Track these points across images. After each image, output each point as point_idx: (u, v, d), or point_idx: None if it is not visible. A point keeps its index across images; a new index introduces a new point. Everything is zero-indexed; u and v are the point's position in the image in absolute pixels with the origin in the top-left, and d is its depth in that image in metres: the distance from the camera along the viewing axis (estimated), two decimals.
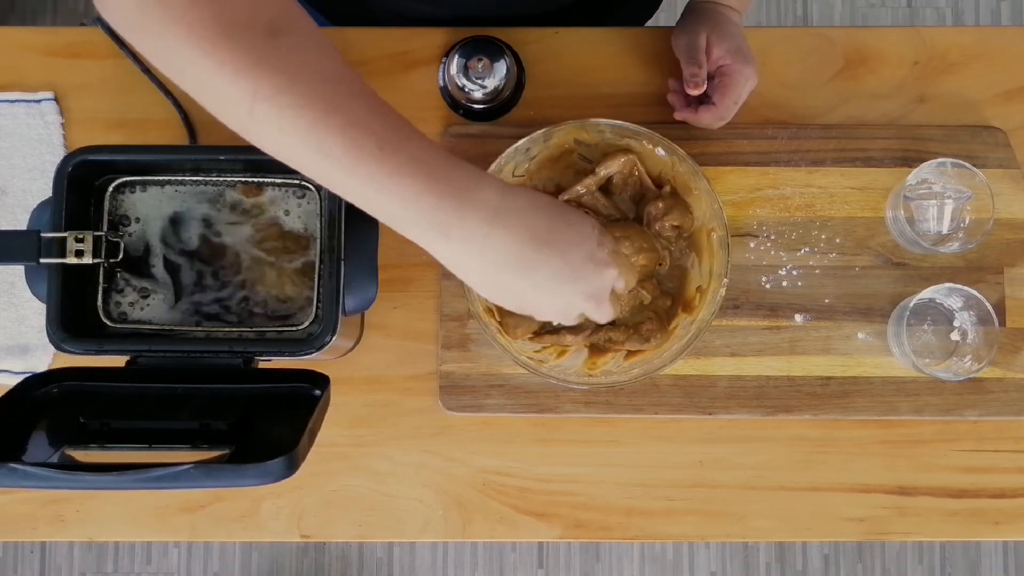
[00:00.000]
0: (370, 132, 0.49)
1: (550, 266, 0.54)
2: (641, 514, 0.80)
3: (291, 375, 0.65)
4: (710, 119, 0.77)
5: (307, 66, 0.48)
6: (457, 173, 0.51)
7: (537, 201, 0.55)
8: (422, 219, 0.51)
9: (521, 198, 0.54)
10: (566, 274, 0.55)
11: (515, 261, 0.53)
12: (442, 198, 0.50)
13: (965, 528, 0.80)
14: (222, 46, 0.46)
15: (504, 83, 0.80)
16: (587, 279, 0.56)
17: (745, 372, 0.80)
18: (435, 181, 0.50)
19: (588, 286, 0.56)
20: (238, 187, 0.70)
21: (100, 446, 0.61)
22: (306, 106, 0.47)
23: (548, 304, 0.56)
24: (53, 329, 0.65)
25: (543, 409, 0.80)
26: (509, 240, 0.52)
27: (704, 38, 0.76)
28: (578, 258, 0.55)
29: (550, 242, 0.54)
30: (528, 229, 0.53)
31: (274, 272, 0.70)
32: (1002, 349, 0.79)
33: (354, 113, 0.49)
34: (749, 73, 0.76)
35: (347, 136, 0.48)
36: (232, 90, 0.48)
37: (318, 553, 1.68)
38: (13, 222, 0.83)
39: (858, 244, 0.81)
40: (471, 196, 0.51)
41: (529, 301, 0.56)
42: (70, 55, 0.84)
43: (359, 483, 0.80)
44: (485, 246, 0.52)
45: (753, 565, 1.69)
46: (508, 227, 0.52)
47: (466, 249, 0.52)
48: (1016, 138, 0.83)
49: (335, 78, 0.49)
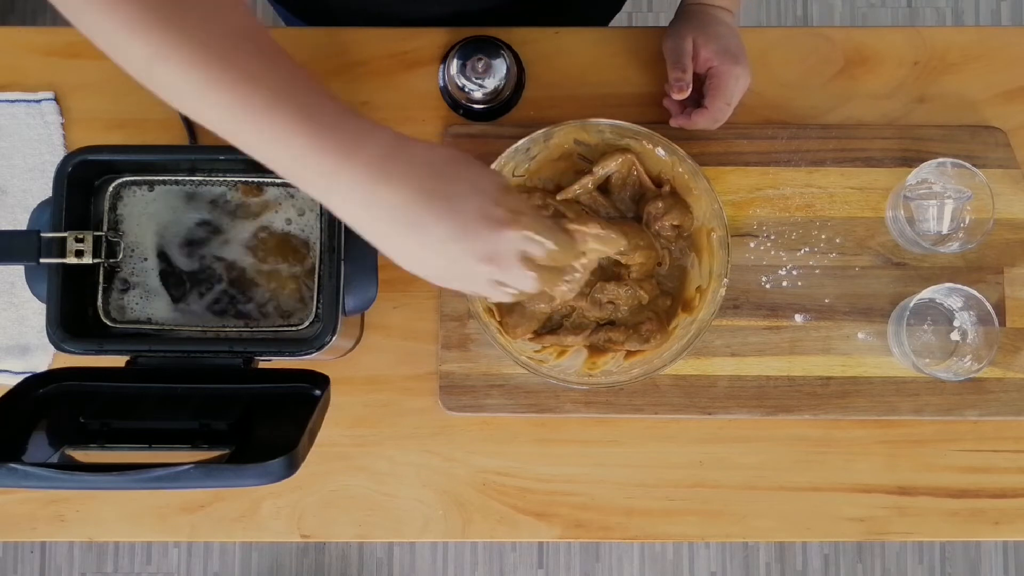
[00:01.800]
0: (262, 86, 0.47)
1: (440, 223, 0.49)
2: (641, 514, 0.80)
3: (291, 375, 0.65)
4: (704, 123, 0.77)
5: (205, 22, 0.47)
6: (346, 126, 0.49)
7: (431, 154, 0.51)
8: (311, 173, 0.49)
9: (412, 150, 0.50)
10: (456, 232, 0.50)
11: (402, 217, 0.49)
12: (327, 152, 0.48)
13: (965, 528, 0.80)
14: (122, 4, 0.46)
15: (504, 83, 0.80)
16: (479, 238, 0.50)
17: (745, 372, 0.80)
18: (323, 135, 0.48)
19: (481, 246, 0.51)
20: (238, 187, 0.70)
21: (100, 446, 0.61)
22: (201, 63, 0.46)
23: (443, 267, 0.52)
24: (53, 329, 0.65)
25: (543, 409, 0.80)
26: (395, 194, 0.49)
27: (690, 41, 0.76)
28: (470, 214, 0.50)
29: (440, 196, 0.49)
30: (416, 182, 0.49)
31: (274, 272, 0.70)
32: (1002, 349, 0.79)
33: (248, 68, 0.47)
34: (739, 72, 0.75)
35: (239, 92, 0.47)
36: (133, 49, 0.47)
37: (318, 553, 1.68)
38: (13, 222, 0.83)
39: (858, 244, 0.81)
40: (358, 149, 0.49)
41: (422, 262, 0.52)
42: (70, 55, 0.84)
43: (359, 483, 0.80)
44: (371, 201, 0.49)
45: (753, 565, 1.69)
46: (394, 181, 0.49)
47: (353, 204, 0.50)
48: (1016, 138, 0.83)
49: (233, 33, 0.48)
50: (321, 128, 0.48)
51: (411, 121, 0.83)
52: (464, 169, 0.51)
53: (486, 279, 0.53)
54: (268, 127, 0.48)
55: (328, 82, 0.83)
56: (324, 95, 0.49)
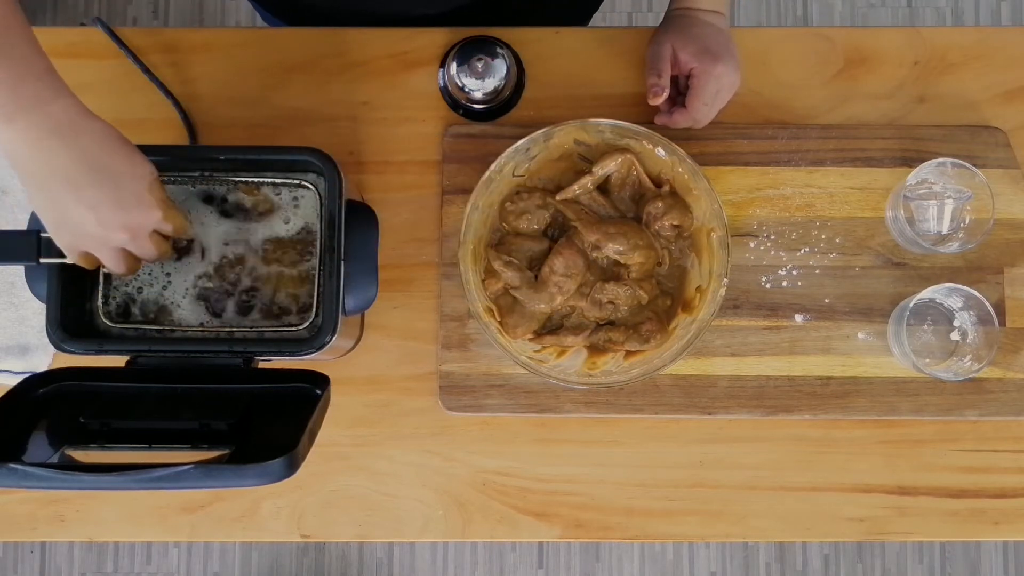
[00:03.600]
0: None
1: (98, 189, 0.58)
2: (641, 514, 0.80)
3: (291, 375, 0.65)
4: (685, 122, 0.77)
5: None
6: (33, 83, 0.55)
7: (106, 132, 0.59)
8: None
9: (90, 124, 0.58)
10: (112, 200, 0.58)
11: (63, 174, 0.57)
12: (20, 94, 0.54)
13: (965, 528, 0.80)
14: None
15: (504, 83, 0.80)
16: (127, 211, 0.59)
17: (745, 372, 0.80)
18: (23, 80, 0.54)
19: (128, 218, 0.60)
20: (238, 187, 0.70)
21: (100, 446, 0.61)
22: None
23: (88, 221, 0.59)
24: (53, 329, 0.65)
25: (543, 409, 0.80)
26: (64, 155, 0.56)
27: (668, 47, 0.76)
28: (128, 191, 0.59)
29: (104, 169, 0.58)
30: (85, 152, 0.57)
31: (274, 272, 0.70)
32: (1002, 349, 0.79)
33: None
34: (720, 72, 0.75)
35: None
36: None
37: (318, 553, 1.68)
38: (13, 222, 0.83)
39: (858, 244, 0.81)
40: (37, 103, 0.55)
41: (70, 215, 0.59)
42: (70, 55, 0.84)
43: (359, 483, 0.80)
44: (34, 154, 0.56)
45: (753, 565, 1.69)
46: (66, 143, 0.56)
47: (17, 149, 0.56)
48: (1016, 138, 0.83)
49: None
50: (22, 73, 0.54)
51: (411, 121, 0.83)
52: (129, 155, 0.60)
53: (114, 245, 0.61)
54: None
55: (328, 82, 0.83)
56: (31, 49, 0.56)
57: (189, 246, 0.70)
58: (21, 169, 0.57)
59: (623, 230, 0.75)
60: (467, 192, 0.75)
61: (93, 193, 0.58)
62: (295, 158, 0.68)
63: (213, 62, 0.84)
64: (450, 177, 0.82)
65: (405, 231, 0.82)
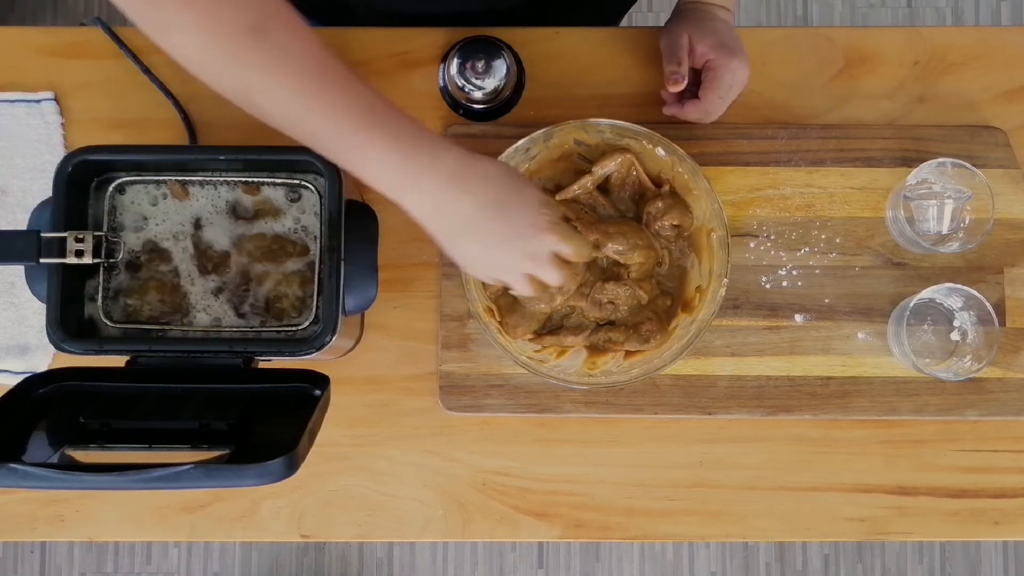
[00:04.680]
0: (348, 114, 0.56)
1: (496, 228, 0.62)
2: (641, 514, 0.80)
3: (291, 375, 0.65)
4: (696, 114, 0.77)
5: (290, 61, 0.54)
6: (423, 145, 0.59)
7: (490, 170, 0.62)
8: (393, 182, 0.59)
9: (476, 167, 0.61)
10: (509, 234, 0.62)
11: (466, 222, 0.61)
12: (406, 166, 0.58)
13: (965, 528, 0.80)
14: (212, 49, 0.53)
15: (504, 83, 0.80)
16: (526, 240, 0.63)
17: (745, 372, 0.80)
18: (402, 152, 0.58)
19: (527, 246, 0.63)
20: (238, 187, 0.70)
21: (100, 446, 0.61)
22: (289, 100, 0.55)
23: (492, 262, 0.64)
24: (53, 329, 0.65)
25: (543, 409, 0.80)
26: (463, 204, 0.60)
27: (686, 37, 0.76)
28: (520, 222, 0.62)
29: (498, 206, 0.61)
30: (480, 196, 0.60)
31: (274, 272, 0.70)
32: (1002, 349, 0.79)
33: (332, 97, 0.56)
34: (736, 66, 0.75)
35: (329, 121, 0.56)
36: (226, 86, 0.55)
37: (318, 553, 1.68)
38: (13, 222, 0.83)
39: (858, 244, 0.81)
40: (434, 163, 0.59)
41: (475, 258, 0.64)
42: (70, 55, 0.84)
43: (359, 483, 0.80)
44: (441, 209, 0.60)
45: (753, 565, 1.69)
46: (463, 193, 0.60)
47: (426, 208, 0.60)
48: (1016, 138, 0.83)
49: (315, 68, 0.55)
50: (401, 147, 0.58)
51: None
52: (516, 185, 0.63)
53: (522, 272, 0.64)
54: (357, 148, 0.57)
55: None
56: (396, 114, 0.59)
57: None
58: (429, 225, 0.61)
59: (623, 230, 0.75)
60: None
61: (493, 234, 0.62)
62: (295, 158, 0.68)
63: None
64: None
65: (405, 231, 0.82)
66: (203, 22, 0.52)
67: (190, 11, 0.52)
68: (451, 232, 0.62)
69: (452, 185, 0.59)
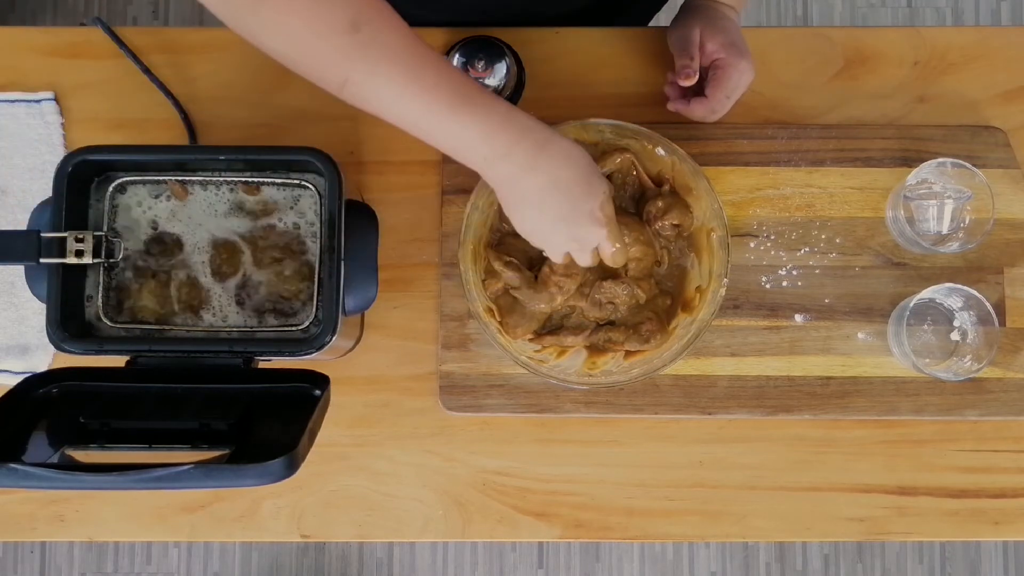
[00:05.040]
0: (440, 96, 0.60)
1: (560, 208, 0.67)
2: (641, 514, 0.80)
3: (291, 375, 0.65)
4: (702, 112, 0.77)
5: (386, 51, 0.58)
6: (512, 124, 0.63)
7: (572, 152, 0.66)
8: (479, 158, 0.63)
9: (560, 147, 0.65)
10: (568, 217, 0.67)
11: (536, 196, 0.66)
12: (495, 139, 0.63)
13: (965, 528, 0.80)
14: (313, 45, 0.57)
15: (504, 83, 0.80)
16: (581, 226, 0.68)
17: (745, 372, 0.80)
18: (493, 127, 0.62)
19: (580, 231, 0.68)
20: (238, 187, 0.70)
21: (100, 446, 0.61)
22: (384, 86, 0.59)
23: (545, 232, 0.69)
24: (53, 329, 0.65)
25: (543, 409, 0.80)
26: (536, 181, 0.65)
27: (697, 32, 0.77)
28: (582, 209, 0.67)
29: (567, 190, 0.66)
30: (553, 173, 0.65)
31: (274, 272, 0.70)
32: (1002, 349, 0.79)
33: (427, 81, 0.60)
34: (744, 67, 0.76)
35: (423, 102, 0.60)
36: (326, 78, 0.59)
37: (318, 553, 1.68)
38: (13, 222, 0.83)
39: (858, 244, 0.81)
40: (518, 142, 0.63)
41: (532, 225, 0.68)
42: (70, 55, 0.84)
43: (359, 483, 0.80)
44: (517, 183, 0.65)
45: (753, 565, 1.69)
46: (538, 172, 0.64)
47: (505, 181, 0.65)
48: (1016, 138, 0.83)
49: (408, 55, 0.59)
50: (493, 123, 0.62)
51: None
52: (588, 174, 0.67)
53: (564, 250, 0.70)
54: (450, 128, 0.62)
55: None
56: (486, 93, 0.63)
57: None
58: (505, 193, 0.66)
59: (625, 221, 0.75)
60: (467, 192, 0.75)
61: (555, 212, 0.67)
62: (295, 158, 0.68)
63: (213, 62, 0.84)
64: (450, 177, 0.82)
65: (405, 231, 0.82)
66: (304, 23, 0.56)
67: (290, 15, 0.56)
68: (521, 201, 0.66)
69: (535, 160, 0.64)
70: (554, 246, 0.70)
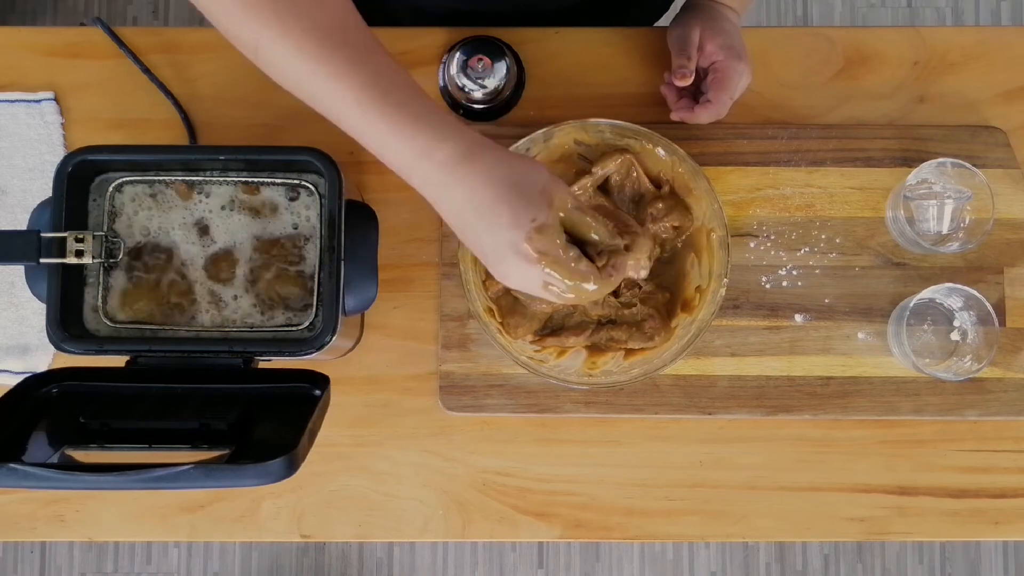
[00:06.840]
0: (350, 86, 0.54)
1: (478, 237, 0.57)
2: (641, 514, 0.80)
3: (291, 375, 0.65)
4: (707, 117, 0.77)
5: (309, 14, 0.53)
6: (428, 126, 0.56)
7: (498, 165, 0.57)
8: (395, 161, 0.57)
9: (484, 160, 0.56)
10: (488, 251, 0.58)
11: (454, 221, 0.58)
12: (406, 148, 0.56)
13: (965, 528, 0.80)
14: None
15: (504, 83, 0.80)
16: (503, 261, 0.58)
17: (745, 372, 0.80)
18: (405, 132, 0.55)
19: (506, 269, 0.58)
20: (238, 187, 0.70)
21: (100, 446, 0.61)
22: (300, 55, 0.53)
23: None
24: (53, 329, 0.65)
25: (543, 409, 0.80)
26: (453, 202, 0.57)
27: (697, 33, 0.76)
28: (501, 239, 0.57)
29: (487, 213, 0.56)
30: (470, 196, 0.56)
31: (274, 272, 0.70)
32: (1002, 349, 0.79)
33: (340, 64, 0.54)
34: (742, 69, 0.75)
35: (332, 86, 0.54)
36: (240, 35, 0.54)
37: (318, 553, 1.68)
38: (13, 222, 0.83)
39: (858, 244, 0.81)
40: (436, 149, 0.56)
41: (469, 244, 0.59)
42: (70, 55, 0.84)
43: (359, 483, 0.80)
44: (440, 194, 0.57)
45: (753, 565, 1.69)
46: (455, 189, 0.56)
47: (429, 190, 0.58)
48: (1016, 138, 0.83)
49: (332, 27, 0.54)
50: (403, 126, 0.55)
51: None
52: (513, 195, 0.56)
53: (516, 287, 0.60)
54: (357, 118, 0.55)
55: None
56: (411, 91, 0.56)
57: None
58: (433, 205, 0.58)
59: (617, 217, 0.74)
60: None
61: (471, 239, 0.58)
62: (295, 158, 0.68)
63: (213, 62, 0.84)
64: None
65: (405, 231, 0.82)
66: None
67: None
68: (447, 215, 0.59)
69: (452, 172, 0.56)
70: (509, 284, 0.60)
